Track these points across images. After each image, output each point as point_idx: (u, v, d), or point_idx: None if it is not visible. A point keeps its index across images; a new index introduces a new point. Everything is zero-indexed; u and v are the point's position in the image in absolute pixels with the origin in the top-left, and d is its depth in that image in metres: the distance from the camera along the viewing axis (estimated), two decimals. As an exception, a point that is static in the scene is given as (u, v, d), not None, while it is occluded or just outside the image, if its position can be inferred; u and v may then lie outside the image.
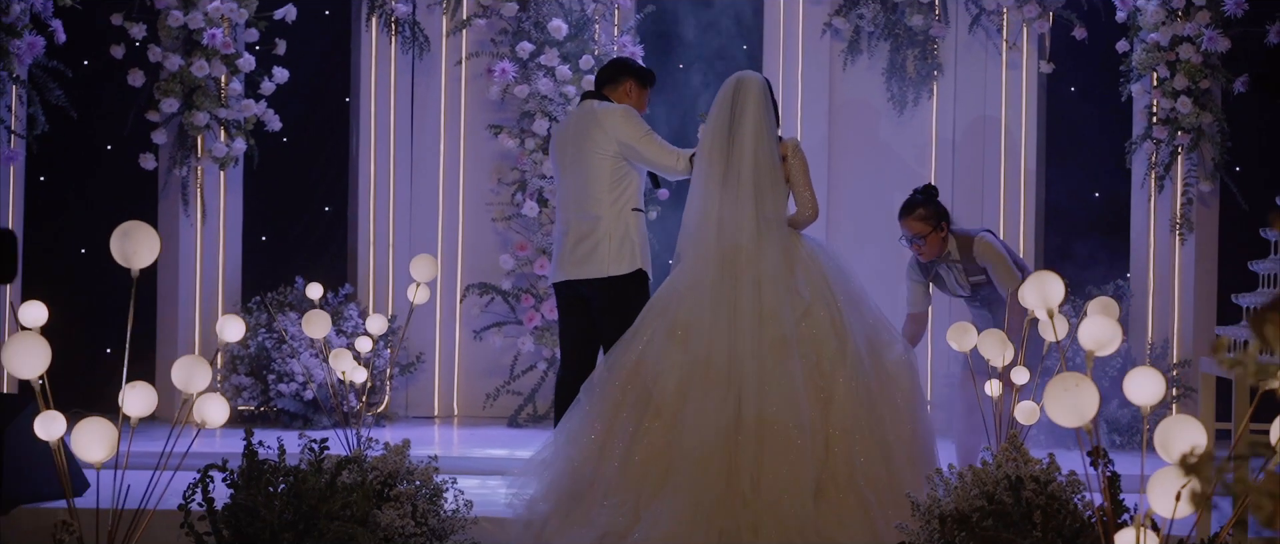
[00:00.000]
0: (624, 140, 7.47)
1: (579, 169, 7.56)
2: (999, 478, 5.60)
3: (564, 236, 7.62)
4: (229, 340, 5.29)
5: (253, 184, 10.37)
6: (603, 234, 7.50)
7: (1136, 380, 3.91)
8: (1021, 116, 10.30)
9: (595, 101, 7.63)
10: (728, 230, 6.98)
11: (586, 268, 7.51)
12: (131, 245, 4.06)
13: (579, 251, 7.53)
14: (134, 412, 4.22)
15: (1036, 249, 10.29)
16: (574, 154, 7.57)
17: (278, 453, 5.96)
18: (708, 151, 7.09)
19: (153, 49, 9.80)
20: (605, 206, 7.51)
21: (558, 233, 7.71)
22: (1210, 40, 9.55)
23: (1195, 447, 3.54)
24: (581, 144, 7.54)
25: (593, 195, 7.53)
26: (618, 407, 6.86)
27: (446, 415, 10.59)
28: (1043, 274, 4.57)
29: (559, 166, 7.69)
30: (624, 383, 6.89)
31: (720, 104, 7.14)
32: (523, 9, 10.15)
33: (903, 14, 10.11)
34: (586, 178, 7.53)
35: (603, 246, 7.49)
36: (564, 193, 7.66)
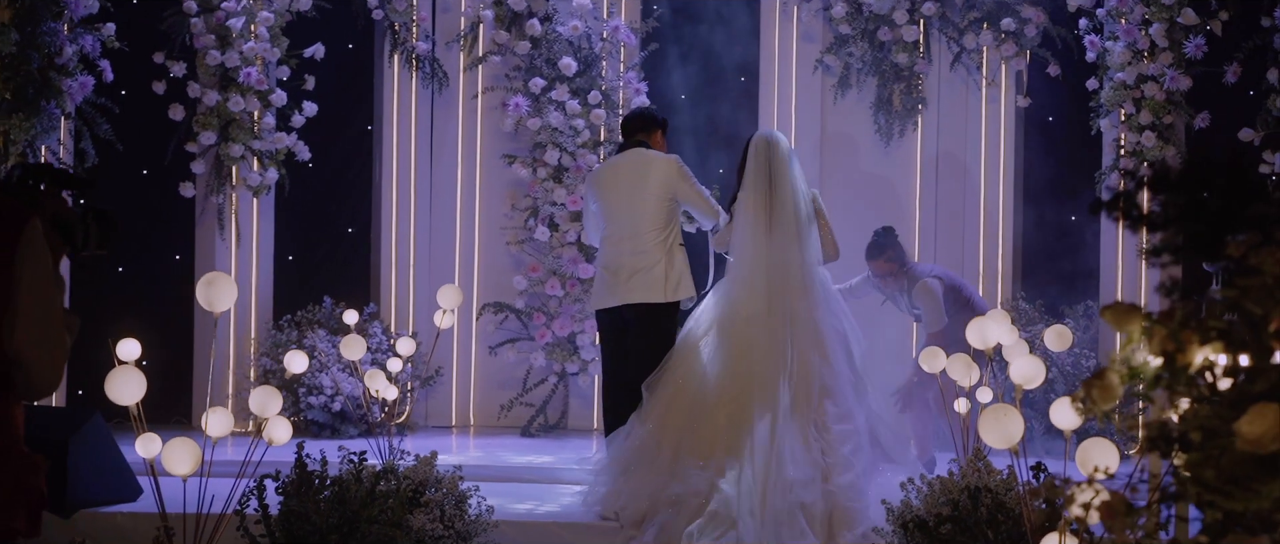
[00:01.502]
0: (679, 189, 8.55)
1: (632, 209, 8.53)
2: (963, 487, 6.36)
3: (616, 269, 8.54)
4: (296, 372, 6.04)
5: (281, 207, 11.09)
6: (659, 265, 8.50)
7: (1060, 408, 4.67)
8: (1000, 147, 11.01)
9: (644, 149, 8.62)
10: (776, 273, 8.26)
11: (640, 293, 8.46)
12: (215, 292, 4.80)
13: (636, 281, 8.47)
14: (216, 432, 4.96)
15: (1013, 270, 11.00)
16: (628, 194, 8.53)
17: (320, 463, 6.72)
18: (753, 205, 8.36)
19: (192, 85, 10.52)
20: (656, 244, 8.52)
21: (606, 264, 8.62)
22: (1173, 80, 10.29)
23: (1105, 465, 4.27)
24: (636, 186, 8.52)
25: (646, 233, 8.52)
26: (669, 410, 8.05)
27: (463, 425, 11.32)
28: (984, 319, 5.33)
29: (606, 203, 8.61)
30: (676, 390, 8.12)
31: (756, 163, 8.43)
32: (535, 47, 10.88)
33: (889, 52, 10.82)
34: (640, 217, 8.53)
35: (656, 274, 8.48)
36: (615, 229, 8.58)
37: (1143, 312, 2.68)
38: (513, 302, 11.03)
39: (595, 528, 7.96)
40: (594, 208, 8.73)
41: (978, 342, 5.21)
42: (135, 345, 5.35)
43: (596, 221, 8.77)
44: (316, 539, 6.30)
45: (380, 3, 10.84)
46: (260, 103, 10.62)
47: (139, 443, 4.79)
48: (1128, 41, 10.35)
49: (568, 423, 11.13)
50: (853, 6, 10.76)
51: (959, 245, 10.98)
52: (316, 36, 10.79)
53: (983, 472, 6.52)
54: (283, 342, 10.68)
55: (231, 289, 4.94)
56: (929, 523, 5.96)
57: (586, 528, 7.95)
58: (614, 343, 8.69)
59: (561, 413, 11.11)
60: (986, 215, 11.03)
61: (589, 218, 8.88)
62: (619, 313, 8.57)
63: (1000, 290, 10.95)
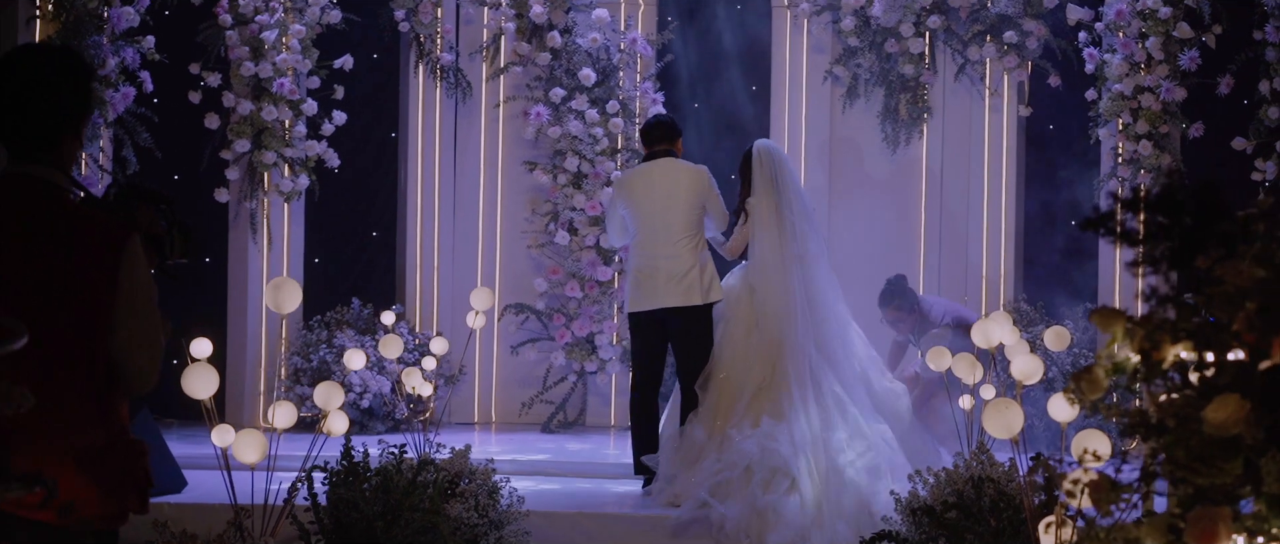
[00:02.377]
0: (708, 197, 9.07)
1: (667, 215, 9.01)
2: (967, 478, 6.80)
3: (651, 272, 9.00)
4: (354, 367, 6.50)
5: (310, 211, 11.53)
6: (693, 269, 8.97)
7: (1057, 403, 5.10)
8: (1002, 155, 11.45)
9: (674, 158, 9.12)
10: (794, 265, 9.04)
11: (679, 297, 8.94)
12: (282, 295, 5.25)
13: (674, 285, 8.94)
14: (281, 423, 5.41)
15: (1016, 274, 11.44)
16: (663, 201, 9.00)
17: (362, 455, 7.17)
18: (764, 209, 9.09)
19: (227, 95, 10.96)
20: (690, 247, 9.01)
21: (641, 268, 9.05)
22: (1168, 91, 10.74)
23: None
24: (670, 193, 9.02)
25: (681, 239, 9.00)
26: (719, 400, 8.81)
27: (485, 422, 11.76)
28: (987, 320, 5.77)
29: (639, 209, 9.05)
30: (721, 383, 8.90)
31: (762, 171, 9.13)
32: (555, 58, 11.32)
33: (896, 63, 11.25)
34: (674, 223, 9.01)
35: (691, 279, 8.94)
36: (648, 234, 9.03)
37: (1125, 314, 3.11)
38: (533, 303, 11.46)
39: (617, 516, 8.45)
40: (624, 213, 9.16)
41: (981, 341, 5.68)
42: (207, 344, 5.80)
43: (623, 226, 9.22)
44: (363, 526, 6.74)
45: (406, 15, 11.27)
46: (292, 112, 11.05)
47: (215, 433, 5.24)
48: (1125, 54, 10.79)
49: (586, 419, 11.57)
50: (861, 19, 11.19)
51: (962, 249, 11.43)
52: (345, 48, 11.22)
53: (986, 464, 6.96)
54: (313, 341, 11.10)
55: (296, 292, 5.38)
56: (936, 511, 6.41)
57: (608, 517, 8.44)
58: (648, 344, 9.12)
59: (580, 410, 11.54)
60: (989, 220, 11.46)
61: (614, 222, 9.30)
62: (657, 316, 9.01)
63: (1002, 292, 11.38)
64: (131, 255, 3.85)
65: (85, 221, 3.86)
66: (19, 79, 3.89)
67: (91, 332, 3.77)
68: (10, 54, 3.97)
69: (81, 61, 3.99)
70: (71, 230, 3.82)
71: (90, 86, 3.99)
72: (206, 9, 10.93)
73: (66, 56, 3.98)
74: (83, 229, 3.83)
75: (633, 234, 9.16)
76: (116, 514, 3.84)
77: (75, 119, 3.92)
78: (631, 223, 9.14)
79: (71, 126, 3.92)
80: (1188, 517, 2.96)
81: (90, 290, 3.78)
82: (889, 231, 11.50)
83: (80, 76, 3.95)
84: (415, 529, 6.86)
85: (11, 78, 3.89)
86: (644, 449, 8.92)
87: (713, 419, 8.74)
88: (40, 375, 3.55)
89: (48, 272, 3.75)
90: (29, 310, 3.57)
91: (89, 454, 3.74)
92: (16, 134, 3.89)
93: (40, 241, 3.77)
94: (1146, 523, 3.12)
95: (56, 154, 3.91)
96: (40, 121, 3.88)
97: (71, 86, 3.91)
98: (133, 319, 3.86)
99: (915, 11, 11.07)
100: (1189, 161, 10.95)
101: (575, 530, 8.27)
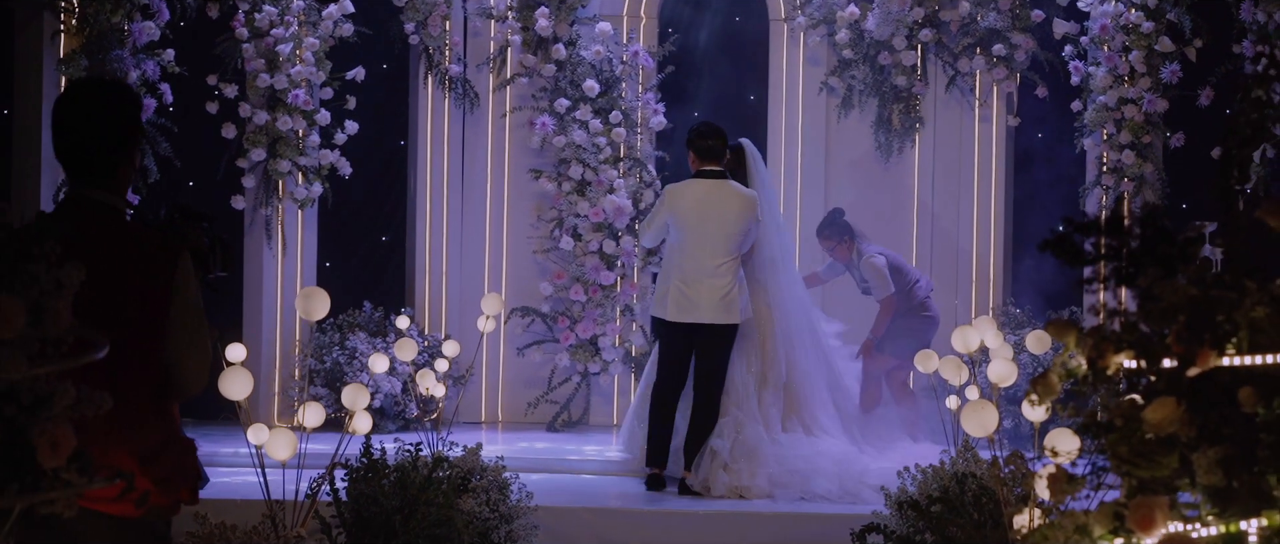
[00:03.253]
0: (754, 226, 9.58)
1: (718, 235, 9.43)
2: (952, 474, 7.22)
3: (695, 287, 9.42)
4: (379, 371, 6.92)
5: (322, 217, 11.92)
6: (733, 289, 9.44)
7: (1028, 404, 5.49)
8: (991, 163, 11.86)
9: (729, 181, 9.55)
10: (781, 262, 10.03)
11: (718, 314, 9.40)
12: (312, 303, 5.65)
13: (715, 302, 9.40)
14: (311, 423, 5.81)
15: (1004, 277, 11.85)
16: (716, 222, 9.42)
17: (380, 453, 7.57)
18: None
19: (243, 106, 11.35)
20: (732, 268, 9.46)
21: (684, 278, 9.45)
22: (1150, 103, 11.16)
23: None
24: (723, 216, 9.44)
25: (726, 259, 9.45)
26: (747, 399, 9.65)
27: (491, 421, 12.16)
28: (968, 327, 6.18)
29: (687, 225, 9.46)
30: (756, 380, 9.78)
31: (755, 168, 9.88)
32: (560, 70, 11.71)
33: (889, 74, 11.66)
34: (725, 240, 9.44)
35: (732, 297, 9.43)
36: (696, 250, 9.43)
37: (1077, 326, 3.51)
38: (539, 306, 11.86)
39: (620, 512, 8.95)
40: (671, 221, 9.53)
41: (961, 346, 6.10)
42: (242, 349, 6.21)
43: (661, 233, 9.63)
44: (382, 519, 7.15)
45: (416, 28, 11.67)
46: (306, 121, 11.44)
47: (250, 432, 5.64)
48: (1109, 67, 11.22)
49: (589, 419, 11.97)
50: (855, 33, 11.60)
51: (953, 254, 11.83)
52: (357, 60, 11.60)
53: (970, 460, 7.38)
54: (325, 343, 11.49)
55: (325, 301, 5.78)
56: (922, 504, 6.83)
57: (614, 512, 8.91)
58: (678, 352, 9.53)
59: (583, 410, 11.94)
60: (979, 226, 11.87)
61: (657, 227, 9.66)
62: (691, 329, 9.43)
63: (991, 296, 11.79)
64: (184, 271, 4.25)
65: (141, 241, 4.27)
66: (78, 113, 4.29)
67: (149, 340, 4.18)
68: (69, 90, 4.39)
69: (132, 95, 4.41)
70: (130, 249, 4.22)
71: (139, 117, 4.39)
72: (223, 22, 11.32)
73: (119, 91, 4.39)
74: (140, 247, 4.24)
75: (676, 245, 9.52)
76: (173, 505, 4.25)
77: (128, 147, 4.33)
78: (677, 235, 9.50)
79: (124, 154, 4.32)
80: (1130, 505, 3.36)
81: (148, 303, 4.19)
82: (882, 236, 11.86)
83: (130, 108, 4.35)
84: (431, 522, 7.26)
85: (71, 112, 4.30)
86: (660, 451, 9.40)
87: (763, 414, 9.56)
88: (107, 381, 3.95)
89: (110, 287, 4.14)
90: (95, 322, 3.96)
91: (149, 451, 4.15)
92: (77, 162, 4.30)
93: (102, 259, 4.17)
94: (1096, 511, 3.53)
95: (113, 179, 4.31)
96: (97, 151, 4.28)
97: (123, 118, 4.32)
98: (185, 328, 4.26)
99: (908, 25, 11.47)
100: (1171, 170, 11.37)
101: (580, 524, 8.71)
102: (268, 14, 11.27)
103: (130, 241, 4.24)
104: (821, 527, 8.45)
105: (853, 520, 7.39)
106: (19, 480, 3.21)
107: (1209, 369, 3.27)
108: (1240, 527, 3.32)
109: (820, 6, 11.68)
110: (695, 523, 8.92)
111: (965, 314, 11.43)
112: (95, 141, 4.28)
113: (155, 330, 4.19)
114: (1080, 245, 3.64)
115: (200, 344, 4.32)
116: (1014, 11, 11.41)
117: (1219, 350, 3.21)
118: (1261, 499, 3.33)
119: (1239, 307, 3.25)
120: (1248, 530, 3.33)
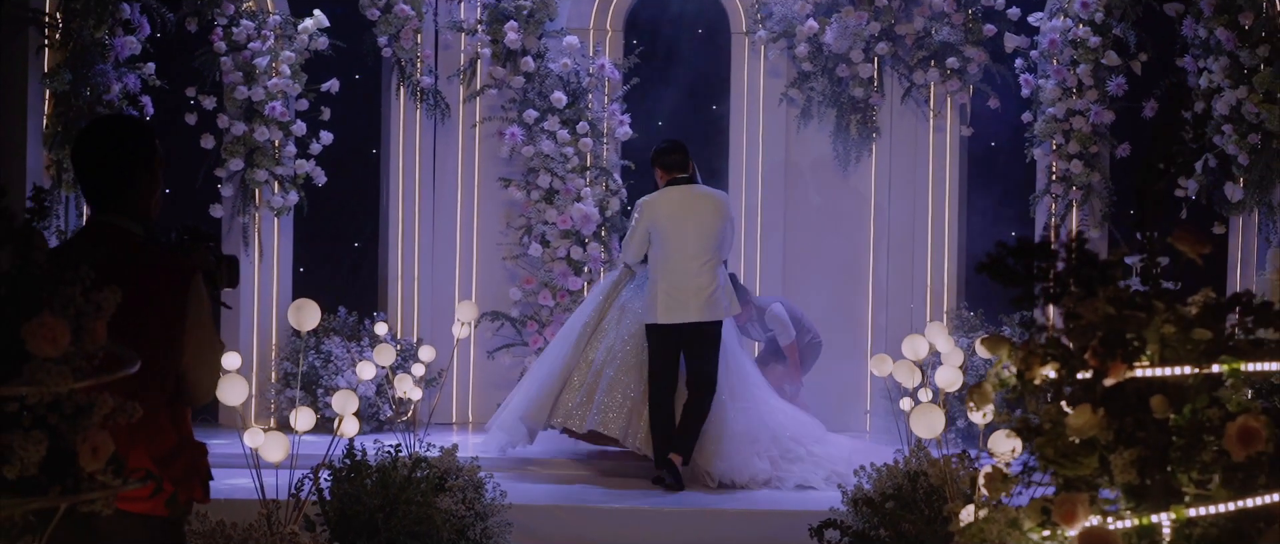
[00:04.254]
0: (728, 222, 10.11)
1: (699, 236, 9.93)
2: (905, 472, 7.63)
3: (682, 288, 9.90)
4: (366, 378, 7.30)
5: (297, 224, 12.25)
6: (717, 287, 9.94)
7: (974, 407, 5.92)
8: (945, 172, 12.28)
9: (697, 184, 10.12)
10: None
11: (706, 313, 9.89)
12: (303, 314, 6.04)
13: (702, 302, 9.88)
14: (301, 427, 6.19)
15: (958, 283, 12.26)
16: (696, 223, 9.92)
17: (361, 454, 7.94)
18: None
19: (221, 117, 11.69)
20: (713, 266, 9.96)
21: (673, 283, 9.92)
22: (1097, 114, 11.63)
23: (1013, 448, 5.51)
24: (701, 217, 9.96)
25: (710, 259, 9.96)
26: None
27: (463, 422, 12.52)
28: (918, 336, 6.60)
29: (670, 230, 9.93)
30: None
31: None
32: (528, 81, 12.09)
33: (846, 86, 12.07)
34: (705, 243, 9.94)
35: (717, 296, 9.92)
36: (680, 253, 9.91)
37: (1009, 340, 3.92)
38: (508, 311, 12.24)
39: (592, 509, 9.35)
40: (651, 230, 9.99)
41: (912, 353, 6.53)
42: (237, 357, 6.59)
43: (644, 246, 10.05)
44: (366, 517, 7.52)
45: (388, 41, 12.02)
46: (282, 132, 11.78)
47: (246, 435, 6.02)
48: (1058, 80, 11.68)
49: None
50: (814, 46, 12.00)
51: (909, 260, 12.25)
52: (332, 72, 11.95)
53: (922, 460, 7.79)
54: (300, 347, 11.82)
55: (315, 312, 6.15)
56: (876, 500, 7.24)
57: (584, 510, 9.31)
58: (668, 354, 10.00)
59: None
60: (933, 233, 12.29)
61: (638, 241, 10.09)
62: (680, 329, 9.91)
63: (945, 300, 12.21)
64: (196, 289, 4.63)
65: (157, 261, 4.64)
66: (89, 147, 4.68)
67: (166, 353, 4.55)
68: (87, 127, 4.78)
69: (139, 129, 4.79)
70: (147, 269, 4.59)
71: (154, 147, 4.76)
72: (202, 36, 11.66)
73: (125, 126, 4.78)
74: (156, 268, 4.61)
75: (659, 252, 9.95)
76: (188, 503, 4.63)
77: (137, 177, 4.70)
78: (658, 242, 9.94)
79: (137, 183, 4.69)
80: (1055, 500, 3.77)
81: (164, 319, 4.55)
82: (839, 243, 12.31)
83: (135, 142, 4.73)
84: (412, 520, 7.63)
85: (84, 146, 4.69)
86: (666, 450, 9.87)
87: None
88: (129, 391, 4.32)
89: (130, 304, 4.51)
90: (118, 337, 4.33)
91: (166, 453, 4.52)
92: (96, 190, 4.68)
93: (122, 280, 4.53)
94: (1026, 506, 3.94)
95: (126, 205, 4.69)
96: (107, 180, 4.67)
97: (128, 151, 4.70)
98: (198, 342, 4.63)
99: (865, 39, 11.89)
100: (1117, 179, 11.82)
101: (552, 521, 9.10)
102: (245, 28, 11.62)
103: (146, 262, 4.61)
104: (783, 522, 8.84)
105: (812, 516, 7.78)
106: (61, 482, 3.58)
107: (1124, 379, 3.68)
108: (1153, 519, 3.73)
109: (780, 21, 12.08)
110: (660, 520, 9.34)
111: (920, 317, 11.86)
112: (105, 172, 4.66)
113: (171, 344, 4.55)
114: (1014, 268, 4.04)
115: (211, 357, 4.70)
116: (967, 26, 11.85)
117: (1130, 363, 3.62)
118: (1172, 495, 3.74)
119: (1149, 325, 3.66)
120: (1160, 522, 3.74)
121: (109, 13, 11.02)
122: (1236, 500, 3.66)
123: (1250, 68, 11.26)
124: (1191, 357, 3.70)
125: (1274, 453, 3.65)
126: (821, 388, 11.57)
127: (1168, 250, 3.93)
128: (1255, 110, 11.20)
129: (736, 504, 9.54)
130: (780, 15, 12.07)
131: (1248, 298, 3.80)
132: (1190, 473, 3.70)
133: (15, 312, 3.57)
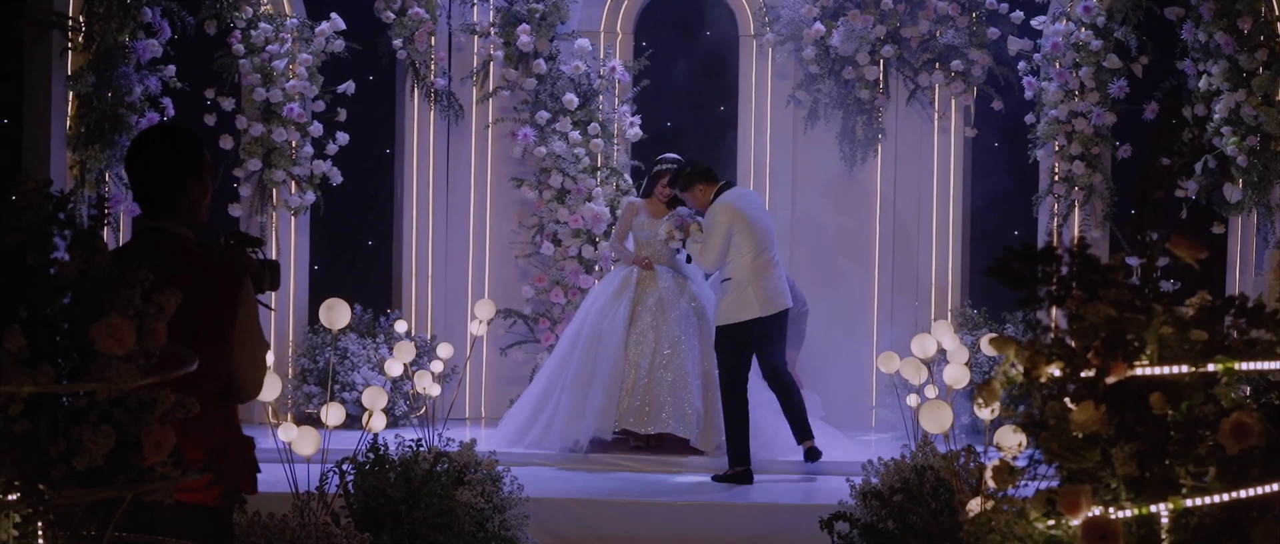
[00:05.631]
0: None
1: (769, 229, 10.37)
2: (913, 466, 7.86)
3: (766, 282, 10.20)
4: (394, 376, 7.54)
5: (314, 222, 12.47)
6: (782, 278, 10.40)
7: (981, 403, 6.15)
8: (950, 172, 12.50)
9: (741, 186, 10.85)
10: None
11: (783, 302, 10.27)
12: (334, 314, 6.27)
13: (786, 287, 10.34)
14: (332, 421, 6.42)
15: (962, 282, 12.49)
16: (765, 218, 10.40)
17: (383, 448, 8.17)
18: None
19: (239, 118, 11.93)
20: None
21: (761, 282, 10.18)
22: (1099, 116, 11.85)
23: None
24: (764, 212, 10.56)
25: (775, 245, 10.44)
26: None
27: (475, 417, 12.74)
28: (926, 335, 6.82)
29: (754, 229, 10.21)
30: None
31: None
32: (540, 83, 12.31)
33: (853, 88, 12.29)
34: (771, 231, 10.40)
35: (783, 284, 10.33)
36: (764, 250, 10.23)
37: (1015, 340, 4.14)
38: (521, 308, 12.46)
39: (605, 502, 9.54)
40: (734, 230, 10.18)
41: (920, 352, 6.77)
42: (271, 355, 6.81)
43: (727, 248, 10.17)
44: (389, 509, 7.75)
45: (403, 44, 12.23)
46: (299, 133, 12.00)
47: (281, 430, 6.25)
48: (1060, 83, 11.90)
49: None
50: (821, 49, 12.22)
51: (914, 259, 12.47)
52: (347, 74, 12.17)
53: (929, 454, 8.02)
54: (317, 344, 12.07)
55: (346, 311, 6.39)
56: (884, 494, 7.48)
57: (597, 503, 9.52)
58: (748, 352, 10.27)
59: (563, 406, 12.51)
60: (938, 232, 12.51)
61: (720, 244, 10.18)
62: (767, 321, 10.20)
63: (950, 299, 12.43)
64: (246, 292, 4.86)
65: (208, 265, 4.86)
66: (138, 157, 4.89)
67: (217, 352, 4.77)
68: (140, 137, 4.99)
69: (194, 139, 4.99)
70: (199, 273, 4.81)
71: (203, 156, 4.97)
72: (221, 39, 11.88)
73: (182, 136, 4.98)
74: (207, 271, 4.83)
75: (746, 250, 10.15)
76: (237, 495, 4.86)
77: (185, 183, 4.90)
78: (744, 241, 10.16)
79: (188, 190, 4.90)
80: (1060, 491, 4.00)
81: (215, 320, 4.78)
82: (846, 242, 12.54)
83: (179, 150, 4.93)
84: (433, 512, 7.85)
85: (135, 156, 4.90)
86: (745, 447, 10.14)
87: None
88: (183, 388, 4.55)
89: (183, 305, 4.73)
90: (173, 337, 4.56)
91: (217, 447, 4.74)
92: (147, 198, 4.89)
93: (176, 282, 4.75)
94: (1033, 497, 4.17)
95: (175, 210, 4.90)
96: (156, 188, 4.87)
97: (174, 159, 4.89)
98: (246, 342, 4.86)
99: (871, 42, 12.11)
100: (1118, 180, 12.05)
101: (566, 514, 9.33)
102: (263, 31, 11.84)
103: (198, 266, 4.83)
104: (794, 515, 9.06)
105: (822, 510, 7.99)
106: (124, 473, 3.81)
107: (1124, 378, 3.91)
108: (1152, 509, 3.96)
109: (788, 24, 12.30)
110: (672, 513, 9.53)
111: (925, 315, 12.08)
112: (157, 180, 4.87)
113: (221, 343, 4.77)
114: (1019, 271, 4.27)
115: (259, 356, 4.93)
116: (971, 30, 12.07)
117: (1130, 362, 3.85)
118: (1170, 486, 3.96)
119: (1148, 326, 3.89)
120: (1159, 512, 3.97)
121: (131, 16, 11.24)
122: (1231, 491, 3.87)
123: (1249, 71, 11.50)
124: (1188, 356, 3.91)
125: (1266, 447, 3.87)
126: (828, 384, 11.79)
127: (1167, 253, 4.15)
128: (1254, 113, 11.44)
129: (747, 497, 9.75)
130: (788, 18, 12.29)
131: (1242, 301, 4.02)
132: (1187, 466, 3.91)
133: (83, 313, 3.78)
